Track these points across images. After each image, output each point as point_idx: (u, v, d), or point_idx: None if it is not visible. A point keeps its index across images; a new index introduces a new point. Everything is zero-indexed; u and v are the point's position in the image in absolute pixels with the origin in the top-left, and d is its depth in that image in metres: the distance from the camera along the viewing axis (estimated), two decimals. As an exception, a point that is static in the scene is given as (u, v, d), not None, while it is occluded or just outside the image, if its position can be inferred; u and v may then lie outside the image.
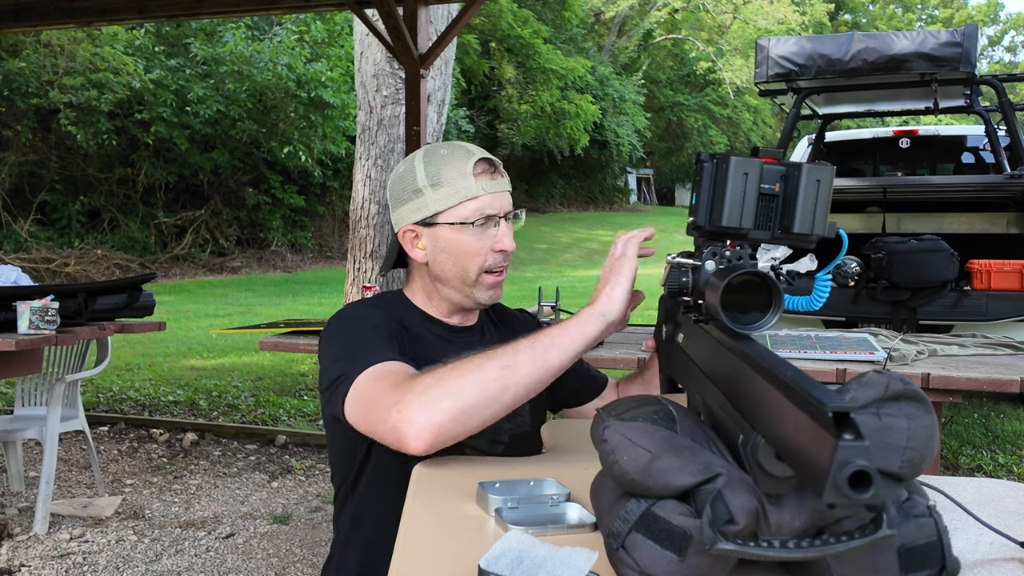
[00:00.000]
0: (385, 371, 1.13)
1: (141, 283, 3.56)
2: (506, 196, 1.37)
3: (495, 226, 1.35)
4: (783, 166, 0.85)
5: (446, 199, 1.33)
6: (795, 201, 0.84)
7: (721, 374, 0.73)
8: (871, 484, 0.46)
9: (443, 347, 1.38)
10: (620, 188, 30.09)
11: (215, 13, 5.56)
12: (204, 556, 3.00)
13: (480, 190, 1.33)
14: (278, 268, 15.58)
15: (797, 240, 0.86)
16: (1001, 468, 4.19)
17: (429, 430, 0.98)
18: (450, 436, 1.00)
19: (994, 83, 4.66)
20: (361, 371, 1.14)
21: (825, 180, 0.84)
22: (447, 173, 1.34)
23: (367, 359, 1.16)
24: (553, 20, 25.67)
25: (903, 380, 0.69)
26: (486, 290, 1.38)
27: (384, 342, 1.23)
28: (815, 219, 0.84)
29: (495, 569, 0.67)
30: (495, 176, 1.36)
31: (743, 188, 0.83)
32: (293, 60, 13.74)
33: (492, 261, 1.36)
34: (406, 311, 1.40)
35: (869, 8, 46.06)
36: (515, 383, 1.03)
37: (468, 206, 1.33)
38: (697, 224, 0.87)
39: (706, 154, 0.87)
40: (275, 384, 6.07)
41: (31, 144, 13.78)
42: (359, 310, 1.35)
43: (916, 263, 3.78)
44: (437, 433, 0.98)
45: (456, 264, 1.35)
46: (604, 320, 1.09)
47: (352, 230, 6.10)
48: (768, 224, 0.86)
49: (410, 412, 0.99)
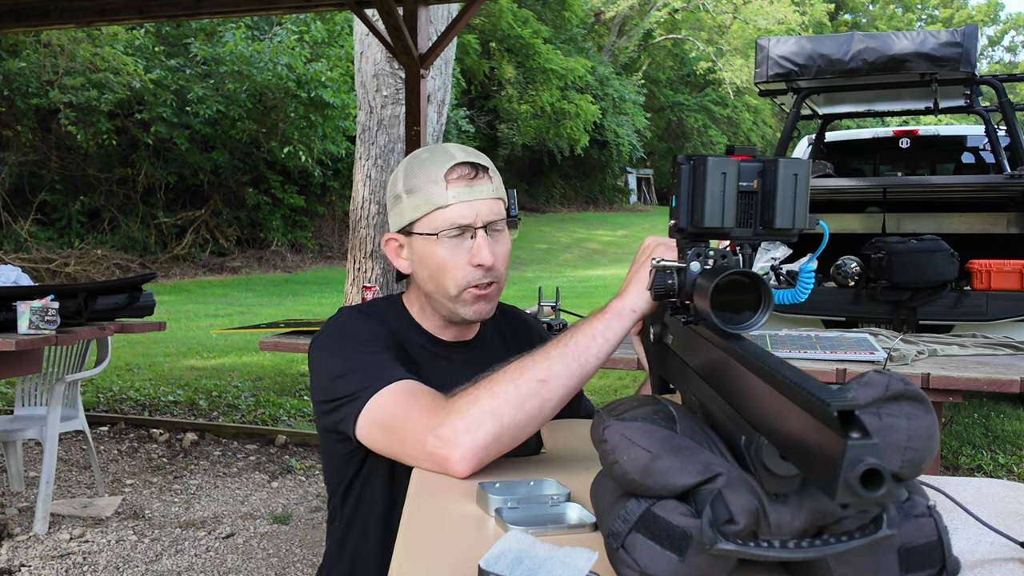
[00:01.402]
0: (407, 392, 1.08)
1: (141, 283, 3.56)
2: (486, 204, 1.23)
3: (471, 238, 1.23)
4: (759, 162, 0.85)
5: (418, 208, 1.23)
6: (774, 196, 0.84)
7: (717, 376, 0.73)
8: (883, 482, 0.46)
9: (432, 363, 1.30)
10: (620, 188, 30.09)
11: (215, 13, 5.57)
12: (204, 556, 3.00)
13: (451, 198, 1.21)
14: (278, 268, 15.58)
15: (779, 235, 0.87)
16: (1001, 468, 4.19)
17: (473, 453, 0.97)
18: (492, 457, 0.99)
19: (994, 83, 4.66)
20: (376, 391, 1.09)
21: (802, 174, 0.84)
22: (421, 178, 1.23)
23: (380, 378, 1.11)
24: (553, 20, 25.68)
25: (903, 380, 0.69)
26: (468, 306, 1.26)
27: (391, 358, 1.18)
28: (795, 213, 0.85)
29: (495, 569, 0.67)
30: (473, 182, 1.23)
31: (722, 187, 0.84)
32: (293, 60, 13.74)
33: (471, 277, 1.24)
34: (399, 320, 1.33)
35: (869, 8, 46.06)
36: (552, 396, 1.00)
37: (439, 216, 1.22)
38: (679, 227, 0.88)
39: (683, 156, 0.87)
40: (275, 384, 6.07)
41: (31, 144, 13.78)
42: (355, 320, 1.28)
43: (916, 263, 3.78)
44: (481, 457, 0.98)
45: (432, 278, 1.26)
46: (634, 315, 1.02)
47: (352, 230, 6.10)
48: (749, 221, 0.86)
49: (452, 436, 0.98)
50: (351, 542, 1.33)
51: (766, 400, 0.59)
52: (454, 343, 1.35)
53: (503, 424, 0.98)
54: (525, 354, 1.04)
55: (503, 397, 0.98)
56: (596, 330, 1.02)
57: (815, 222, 0.89)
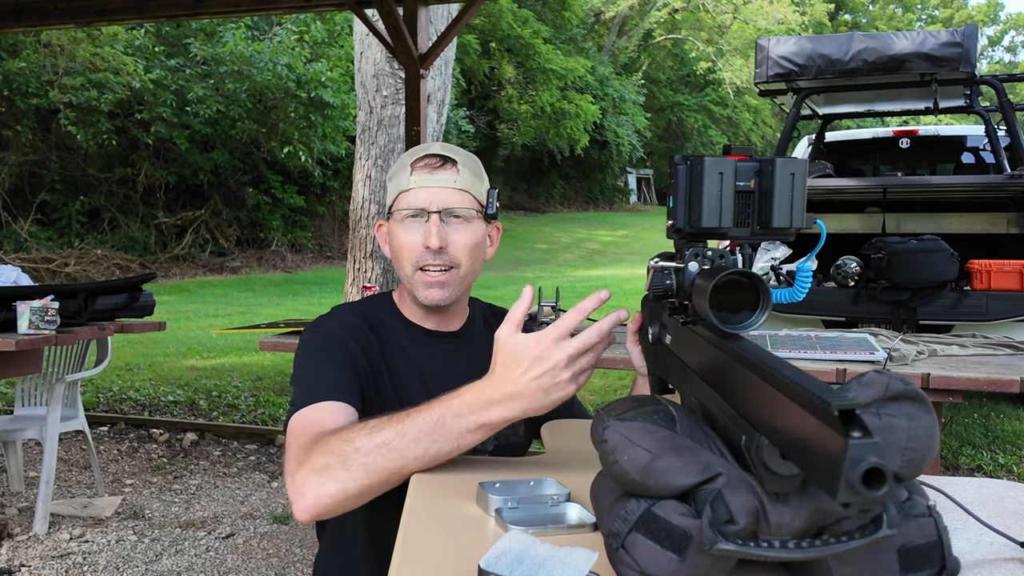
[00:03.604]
0: (309, 421, 1.12)
1: (141, 283, 3.57)
2: (444, 192, 1.30)
3: (426, 221, 1.30)
4: (756, 162, 0.85)
5: (392, 193, 1.35)
6: (771, 196, 0.84)
7: (717, 376, 0.73)
8: (885, 481, 0.46)
9: (419, 352, 1.36)
10: (620, 188, 30.09)
11: (215, 13, 5.57)
12: (204, 556, 3.00)
13: (412, 183, 1.30)
14: (278, 268, 15.59)
15: (777, 234, 0.87)
16: (1001, 468, 4.19)
17: (315, 506, 1.00)
18: (333, 513, 1.01)
19: (994, 83, 4.66)
20: (300, 408, 1.15)
21: (799, 173, 0.85)
22: (396, 168, 1.35)
23: (310, 395, 1.17)
24: (553, 20, 25.68)
25: (903, 380, 0.69)
26: (422, 289, 1.32)
27: (340, 371, 1.22)
28: (793, 212, 0.85)
29: (495, 569, 0.67)
30: (436, 171, 1.30)
31: (719, 187, 0.84)
32: (293, 60, 13.75)
33: (420, 258, 1.30)
34: (387, 314, 1.39)
35: (869, 8, 46.06)
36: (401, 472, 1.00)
37: (402, 199, 1.32)
38: (677, 227, 0.88)
39: (679, 156, 0.87)
40: (275, 384, 6.07)
41: (31, 144, 13.78)
42: (334, 320, 1.33)
43: (916, 263, 3.78)
44: (321, 511, 1.00)
45: (395, 258, 1.35)
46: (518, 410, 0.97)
47: (352, 230, 6.10)
48: (747, 221, 0.86)
49: (301, 487, 1.00)
50: (339, 542, 1.35)
51: (766, 400, 0.59)
52: (438, 332, 1.40)
53: (347, 492, 0.99)
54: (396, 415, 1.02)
55: (354, 462, 0.99)
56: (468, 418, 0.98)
57: (812, 221, 0.89)
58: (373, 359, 1.31)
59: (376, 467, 0.98)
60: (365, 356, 1.29)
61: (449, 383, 1.05)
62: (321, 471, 1.00)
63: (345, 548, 1.37)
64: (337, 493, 0.99)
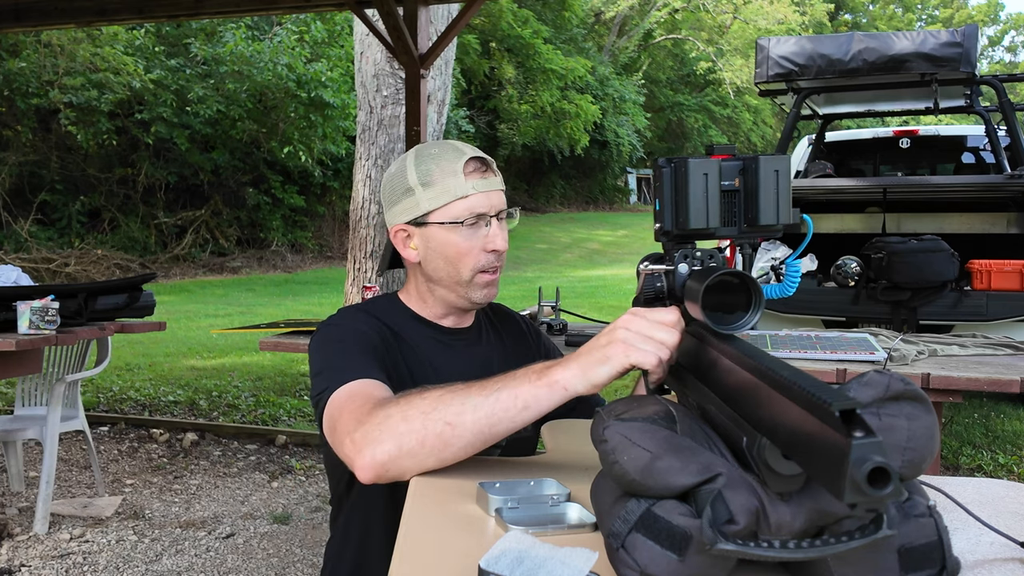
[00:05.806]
0: (353, 393, 1.12)
1: (141, 283, 3.56)
2: (498, 195, 1.35)
3: (487, 225, 1.33)
4: (739, 160, 0.85)
5: (436, 198, 1.32)
6: (756, 194, 0.84)
7: (715, 377, 0.73)
8: (889, 479, 0.46)
9: (437, 350, 1.38)
10: (620, 188, 30.09)
11: (215, 13, 5.57)
12: (204, 556, 3.00)
13: (470, 189, 1.31)
14: (278, 268, 15.59)
15: (764, 231, 0.87)
16: (1001, 468, 4.19)
17: (371, 465, 0.99)
18: (393, 474, 1.00)
19: (994, 83, 4.66)
20: (333, 390, 1.15)
21: (783, 169, 0.85)
22: (437, 172, 1.33)
23: (342, 376, 1.16)
24: (553, 20, 25.67)
25: (903, 380, 0.69)
26: (480, 289, 1.36)
27: (365, 356, 1.22)
28: (779, 209, 0.85)
29: (495, 569, 0.67)
30: (486, 175, 1.34)
31: (704, 188, 0.84)
32: (293, 60, 13.75)
33: (484, 261, 1.34)
34: (399, 315, 1.40)
35: (869, 8, 46.05)
36: (455, 443, 0.99)
37: (458, 205, 1.32)
38: (664, 229, 0.88)
39: (663, 159, 0.87)
40: (275, 384, 6.07)
41: (31, 144, 13.79)
42: (347, 318, 1.34)
43: (916, 263, 3.79)
44: (379, 472, 1.00)
45: (448, 264, 1.34)
46: (565, 394, 0.97)
47: (352, 230, 6.10)
48: (734, 220, 0.86)
49: (360, 445, 1.00)
50: (354, 540, 1.35)
51: (767, 401, 0.59)
52: (456, 330, 1.42)
53: (402, 450, 0.99)
54: (458, 385, 1.02)
55: (409, 425, 0.99)
56: (522, 397, 0.98)
57: (799, 217, 0.89)
58: (392, 353, 1.31)
59: (431, 432, 0.98)
60: (387, 350, 1.30)
61: (470, 377, 1.06)
62: (375, 428, 1.00)
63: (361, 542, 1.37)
64: (393, 451, 0.99)
